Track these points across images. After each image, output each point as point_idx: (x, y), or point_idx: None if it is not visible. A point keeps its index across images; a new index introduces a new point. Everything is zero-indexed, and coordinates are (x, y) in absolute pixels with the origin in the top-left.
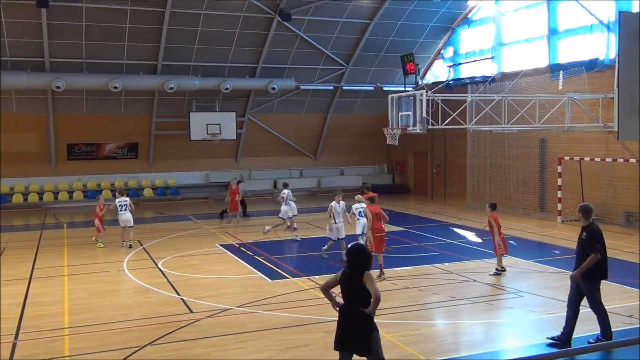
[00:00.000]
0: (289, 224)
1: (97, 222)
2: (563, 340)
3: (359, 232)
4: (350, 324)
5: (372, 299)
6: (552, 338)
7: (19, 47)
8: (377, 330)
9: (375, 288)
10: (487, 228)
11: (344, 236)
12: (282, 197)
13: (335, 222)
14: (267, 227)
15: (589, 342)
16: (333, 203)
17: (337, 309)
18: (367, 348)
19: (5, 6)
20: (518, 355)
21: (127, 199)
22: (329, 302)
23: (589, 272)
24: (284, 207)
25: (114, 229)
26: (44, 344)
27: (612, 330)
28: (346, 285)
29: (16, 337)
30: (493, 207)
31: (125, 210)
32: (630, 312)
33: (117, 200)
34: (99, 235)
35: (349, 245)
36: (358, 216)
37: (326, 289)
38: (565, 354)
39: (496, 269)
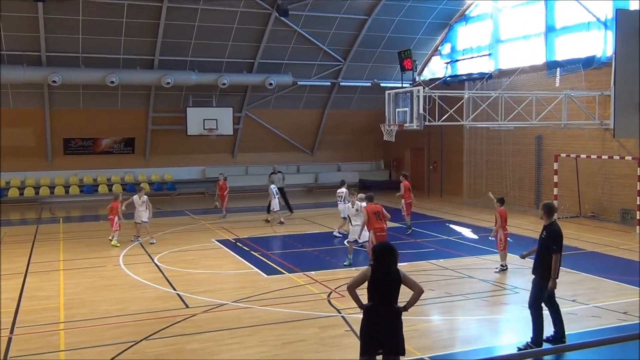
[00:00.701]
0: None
1: (116, 219)
2: (556, 338)
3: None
4: (383, 324)
5: (415, 293)
6: (547, 338)
7: (15, 41)
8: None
9: (416, 282)
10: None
11: (366, 239)
12: (340, 196)
13: (351, 224)
14: (335, 231)
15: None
16: (348, 204)
17: (363, 309)
18: (398, 348)
19: (2, 0)
20: (513, 350)
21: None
22: (354, 301)
23: (543, 272)
24: (341, 206)
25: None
26: (40, 338)
27: (605, 327)
28: (379, 284)
29: (12, 332)
30: (501, 201)
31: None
32: (626, 309)
33: (143, 197)
34: (116, 233)
35: (376, 244)
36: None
37: (354, 288)
38: (559, 349)
39: (501, 265)
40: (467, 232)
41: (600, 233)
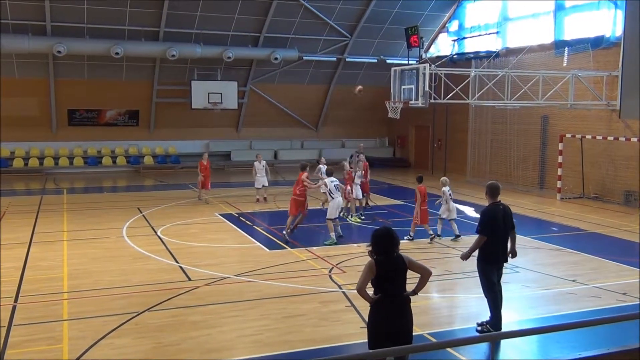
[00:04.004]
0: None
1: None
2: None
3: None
4: (399, 314)
5: (422, 277)
6: (481, 324)
7: (20, 11)
8: None
9: (422, 265)
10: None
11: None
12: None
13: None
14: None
15: (477, 328)
16: (327, 180)
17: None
18: (411, 338)
19: None
20: (512, 328)
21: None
22: (365, 300)
23: (478, 255)
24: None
25: (113, 196)
26: (43, 307)
27: (604, 307)
28: (384, 274)
29: (16, 300)
30: (420, 179)
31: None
32: (625, 290)
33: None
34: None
35: (375, 230)
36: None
37: (365, 288)
38: (564, 326)
39: (410, 234)
40: (469, 211)
41: (603, 214)
